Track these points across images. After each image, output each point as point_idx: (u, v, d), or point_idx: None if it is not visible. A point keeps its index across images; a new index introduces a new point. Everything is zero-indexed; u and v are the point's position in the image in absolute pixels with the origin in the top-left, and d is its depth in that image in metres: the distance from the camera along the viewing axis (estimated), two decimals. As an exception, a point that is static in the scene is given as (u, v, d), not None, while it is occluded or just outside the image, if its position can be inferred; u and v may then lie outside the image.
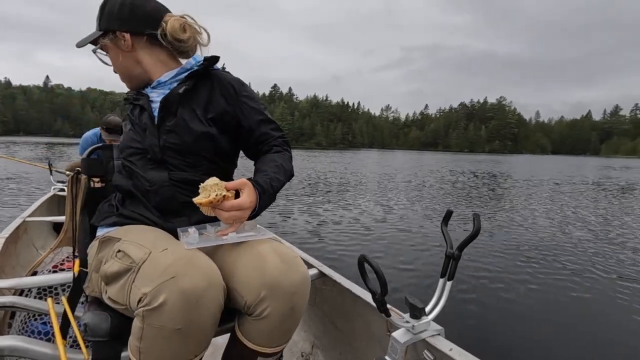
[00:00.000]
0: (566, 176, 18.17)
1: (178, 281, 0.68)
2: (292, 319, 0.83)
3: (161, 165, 0.94)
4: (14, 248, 2.00)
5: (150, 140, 0.94)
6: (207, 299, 0.71)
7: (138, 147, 0.95)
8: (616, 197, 10.30)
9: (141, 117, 0.97)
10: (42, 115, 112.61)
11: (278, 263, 0.82)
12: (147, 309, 0.68)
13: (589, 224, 6.15)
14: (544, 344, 2.35)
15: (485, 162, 34.75)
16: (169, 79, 1.00)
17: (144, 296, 0.68)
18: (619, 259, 4.25)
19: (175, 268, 0.70)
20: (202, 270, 0.73)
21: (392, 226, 5.53)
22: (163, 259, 0.73)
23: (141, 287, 0.69)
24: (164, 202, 0.93)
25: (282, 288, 0.80)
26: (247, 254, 0.84)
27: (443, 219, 1.05)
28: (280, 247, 0.88)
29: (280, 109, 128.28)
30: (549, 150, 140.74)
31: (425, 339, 0.95)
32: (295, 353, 1.47)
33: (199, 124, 0.94)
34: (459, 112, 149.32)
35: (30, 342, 0.86)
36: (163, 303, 0.67)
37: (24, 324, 1.30)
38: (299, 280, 0.83)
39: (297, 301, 0.83)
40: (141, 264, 0.73)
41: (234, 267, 0.83)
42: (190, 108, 0.95)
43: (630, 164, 43.56)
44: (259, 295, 0.79)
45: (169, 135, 0.93)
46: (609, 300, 3.07)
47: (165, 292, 0.67)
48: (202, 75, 0.99)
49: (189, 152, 0.94)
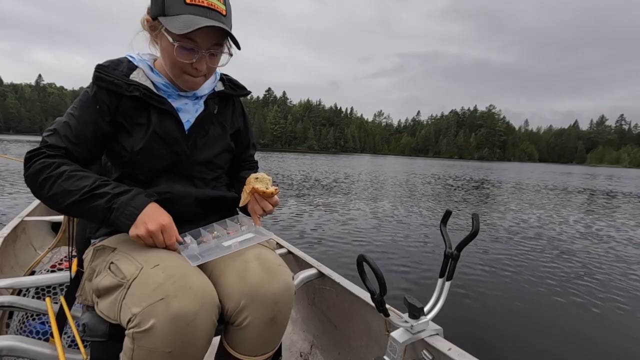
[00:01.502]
0: (554, 183, 18.51)
1: (168, 303, 0.66)
2: (273, 328, 0.82)
3: (188, 180, 0.93)
4: (12, 248, 1.97)
5: (183, 153, 0.90)
6: (198, 321, 0.69)
7: (161, 157, 0.88)
8: (602, 203, 10.54)
9: (164, 125, 0.87)
10: (33, 114, 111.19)
11: (259, 271, 0.81)
12: (137, 331, 0.66)
13: (585, 227, 6.27)
14: (542, 344, 2.38)
15: (476, 169, 35.22)
16: (205, 94, 0.96)
17: (134, 317, 0.66)
18: (614, 260, 4.34)
19: (165, 288, 0.68)
20: (194, 291, 0.70)
21: (391, 226, 5.56)
22: (154, 276, 0.70)
23: (131, 307, 0.67)
24: (180, 214, 0.89)
25: (262, 297, 0.78)
26: (233, 260, 0.84)
27: (442, 219, 1.06)
28: (266, 254, 0.87)
29: (274, 112, 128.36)
30: (537, 158, 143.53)
31: (423, 339, 0.96)
32: (294, 353, 1.47)
33: (227, 140, 0.99)
34: (450, 119, 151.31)
35: (28, 342, 0.85)
36: (153, 326, 0.65)
37: (22, 324, 1.28)
38: (280, 290, 0.81)
39: (279, 310, 0.81)
40: (132, 280, 0.71)
41: (221, 273, 0.83)
42: (221, 125, 0.98)
43: (613, 173, 44.58)
44: (239, 304, 0.77)
45: (202, 151, 0.93)
46: (606, 300, 3.12)
47: (155, 315, 0.65)
48: (226, 94, 1.00)
49: (216, 166, 0.97)
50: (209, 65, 0.86)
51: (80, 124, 0.82)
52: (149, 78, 0.88)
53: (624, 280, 3.67)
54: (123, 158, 0.87)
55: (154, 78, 0.89)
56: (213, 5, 0.80)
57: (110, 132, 0.86)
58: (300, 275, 1.39)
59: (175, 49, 0.80)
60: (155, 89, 0.88)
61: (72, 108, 0.85)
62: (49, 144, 0.80)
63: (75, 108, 0.84)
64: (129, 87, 0.83)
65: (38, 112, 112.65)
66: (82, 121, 0.82)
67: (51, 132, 0.81)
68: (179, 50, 0.80)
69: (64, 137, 0.81)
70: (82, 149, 0.83)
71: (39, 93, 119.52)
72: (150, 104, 0.86)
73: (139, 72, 0.87)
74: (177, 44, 0.80)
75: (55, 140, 0.80)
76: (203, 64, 0.84)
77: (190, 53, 0.82)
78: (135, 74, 0.87)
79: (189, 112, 0.93)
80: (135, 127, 0.86)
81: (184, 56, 0.81)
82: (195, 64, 0.83)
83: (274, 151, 76.26)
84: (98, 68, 0.84)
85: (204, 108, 0.95)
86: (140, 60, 0.89)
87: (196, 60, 0.83)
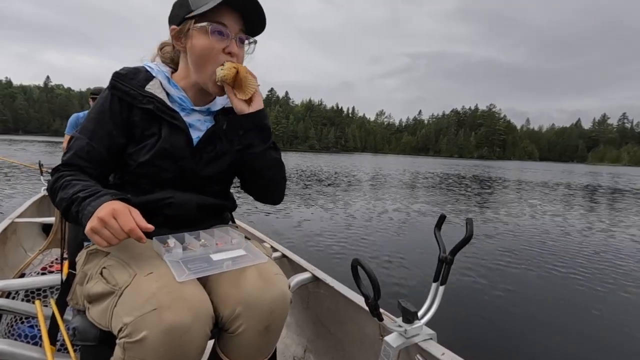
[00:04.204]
0: (554, 183, 18.49)
1: (160, 315, 0.65)
2: (267, 337, 0.81)
3: (193, 190, 0.92)
4: (2, 249, 1.95)
5: (188, 168, 0.90)
6: (191, 334, 0.68)
7: (166, 170, 0.88)
8: (603, 202, 10.52)
9: (174, 140, 0.87)
10: (41, 114, 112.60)
11: (256, 280, 0.80)
12: (128, 342, 0.65)
13: (579, 229, 6.26)
14: (536, 349, 2.37)
15: (473, 166, 35.19)
16: (217, 109, 0.96)
17: (125, 326, 0.65)
18: (610, 261, 4.34)
19: (158, 298, 0.67)
20: (188, 302, 0.69)
21: (386, 230, 5.55)
22: (146, 285, 0.69)
23: (122, 316, 0.66)
24: (179, 218, 0.90)
25: (257, 306, 0.78)
26: None
27: (436, 224, 1.05)
28: (264, 262, 0.86)
29: (275, 112, 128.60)
30: (537, 156, 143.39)
31: (417, 344, 0.95)
32: (288, 357, 1.46)
33: (233, 155, 0.97)
34: (450, 118, 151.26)
35: (16, 346, 0.85)
36: (144, 338, 0.64)
37: (10, 327, 1.26)
38: (277, 299, 0.80)
39: (274, 320, 0.80)
40: (124, 288, 0.70)
41: (217, 281, 0.81)
42: (229, 140, 0.97)
43: (613, 171, 44.57)
44: (234, 311, 0.77)
45: (208, 166, 0.92)
46: (601, 304, 3.12)
47: (147, 326, 0.64)
48: None
49: (221, 180, 0.97)
50: (239, 51, 0.89)
51: (94, 139, 0.84)
52: (165, 89, 0.89)
53: (621, 282, 3.67)
54: (128, 167, 0.87)
55: (170, 90, 0.89)
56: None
57: (124, 143, 0.87)
58: (294, 279, 1.39)
59: (209, 30, 0.83)
60: (169, 102, 0.88)
61: (88, 120, 0.86)
62: (64, 162, 0.84)
63: (91, 120, 0.86)
64: (143, 99, 0.85)
65: (46, 113, 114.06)
66: (96, 137, 0.84)
67: (67, 151, 0.85)
68: (213, 33, 0.84)
69: (78, 156, 0.84)
70: (94, 165, 0.85)
71: (47, 94, 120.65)
72: (162, 117, 0.86)
73: (155, 83, 0.88)
74: (210, 27, 0.83)
75: (69, 158, 0.84)
76: (235, 47, 0.87)
77: (222, 38, 0.85)
78: (151, 85, 0.87)
79: (200, 127, 0.93)
80: (145, 139, 0.86)
81: (217, 41, 0.84)
82: (228, 48, 0.86)
83: (275, 151, 75.91)
84: (115, 76, 0.86)
85: (213, 123, 0.95)
86: (158, 72, 0.90)
87: (229, 45, 0.86)
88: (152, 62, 0.93)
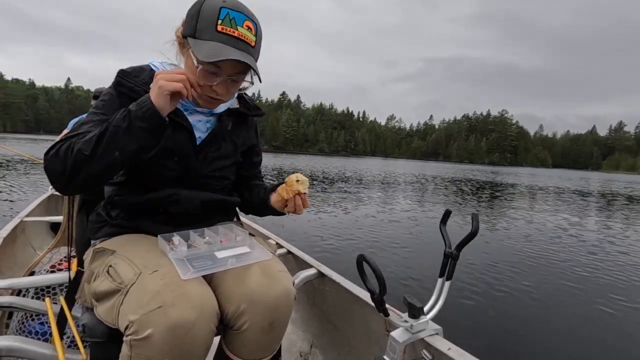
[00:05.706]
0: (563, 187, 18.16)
1: (165, 312, 0.66)
2: (272, 333, 0.82)
3: (197, 188, 0.93)
4: (11, 248, 1.98)
5: (193, 166, 0.91)
6: (196, 331, 0.68)
7: (169, 169, 0.88)
8: (612, 208, 10.28)
9: (177, 139, 0.88)
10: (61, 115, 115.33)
11: (260, 277, 0.81)
12: (135, 339, 0.66)
13: (585, 230, 6.17)
14: (541, 344, 2.34)
15: (486, 172, 34.76)
16: (221, 111, 0.96)
17: (131, 324, 0.66)
18: (615, 261, 4.29)
19: (163, 296, 0.67)
20: (193, 300, 0.69)
21: (391, 226, 5.55)
22: (151, 283, 0.70)
23: (128, 314, 0.67)
24: (183, 214, 0.91)
25: (262, 302, 0.78)
26: None
27: (442, 219, 1.06)
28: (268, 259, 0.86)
29: (287, 115, 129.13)
30: (550, 163, 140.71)
31: (423, 339, 0.96)
32: (294, 353, 1.46)
33: (237, 157, 1.00)
34: (461, 123, 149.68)
35: (28, 343, 0.86)
36: (150, 335, 0.65)
37: (21, 324, 1.28)
38: (280, 296, 0.81)
39: (278, 317, 0.81)
40: (130, 286, 0.71)
41: (222, 278, 0.82)
42: (233, 142, 0.99)
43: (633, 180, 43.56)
44: (239, 308, 0.77)
45: (211, 165, 0.94)
46: (606, 301, 3.08)
47: (152, 324, 0.65)
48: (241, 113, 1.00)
49: (224, 178, 0.99)
50: (229, 90, 0.86)
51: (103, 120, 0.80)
52: None
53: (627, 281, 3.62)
54: (132, 165, 0.84)
55: None
56: (243, 37, 0.80)
57: None
58: (300, 275, 1.40)
59: (198, 71, 0.80)
60: None
61: (92, 114, 0.82)
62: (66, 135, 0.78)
63: (95, 114, 0.82)
64: None
65: (66, 113, 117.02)
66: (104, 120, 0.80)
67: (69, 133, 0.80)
68: (202, 72, 0.81)
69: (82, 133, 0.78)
70: None
71: (67, 95, 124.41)
72: None
73: None
74: (200, 67, 0.80)
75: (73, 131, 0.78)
76: (223, 88, 0.84)
77: (213, 76, 0.82)
78: None
79: (203, 127, 0.94)
80: None
81: (206, 78, 0.82)
82: (215, 87, 0.83)
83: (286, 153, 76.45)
84: (120, 74, 0.85)
85: (218, 124, 0.96)
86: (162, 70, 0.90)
87: (217, 84, 0.83)
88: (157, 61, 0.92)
